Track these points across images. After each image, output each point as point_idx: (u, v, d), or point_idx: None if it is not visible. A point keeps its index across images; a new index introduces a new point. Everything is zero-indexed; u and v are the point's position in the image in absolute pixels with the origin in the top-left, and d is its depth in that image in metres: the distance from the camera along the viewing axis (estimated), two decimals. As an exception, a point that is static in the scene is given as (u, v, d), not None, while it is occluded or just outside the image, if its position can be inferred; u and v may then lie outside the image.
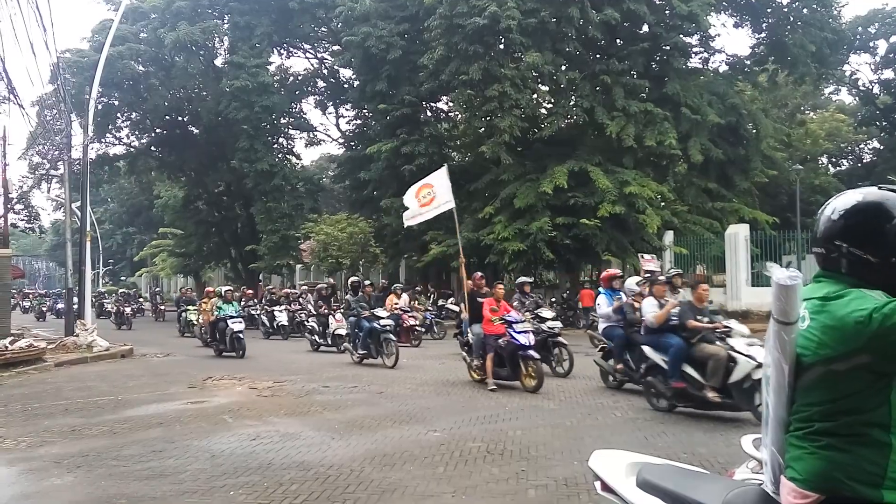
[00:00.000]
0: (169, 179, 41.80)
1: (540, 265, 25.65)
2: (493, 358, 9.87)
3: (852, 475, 1.85)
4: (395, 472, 5.54)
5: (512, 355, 9.74)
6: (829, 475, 1.88)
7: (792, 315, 1.98)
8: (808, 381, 1.96)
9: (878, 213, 1.92)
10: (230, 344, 15.10)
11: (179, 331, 23.01)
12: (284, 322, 21.28)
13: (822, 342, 1.89)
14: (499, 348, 9.87)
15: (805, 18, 27.26)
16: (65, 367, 13.71)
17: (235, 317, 15.50)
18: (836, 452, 1.87)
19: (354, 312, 13.44)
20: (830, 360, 1.87)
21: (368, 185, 29.00)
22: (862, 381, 1.84)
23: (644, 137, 22.88)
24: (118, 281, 65.62)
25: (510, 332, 9.75)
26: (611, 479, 2.58)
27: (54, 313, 35.22)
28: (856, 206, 1.96)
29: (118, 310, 27.63)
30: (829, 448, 1.89)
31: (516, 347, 9.63)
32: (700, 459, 5.69)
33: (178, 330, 23.10)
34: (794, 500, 1.93)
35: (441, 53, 23.93)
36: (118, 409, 8.81)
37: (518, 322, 9.98)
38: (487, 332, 10.02)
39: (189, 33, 29.74)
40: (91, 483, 5.47)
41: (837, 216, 1.99)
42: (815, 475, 1.90)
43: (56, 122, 20.23)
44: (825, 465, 1.89)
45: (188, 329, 22.18)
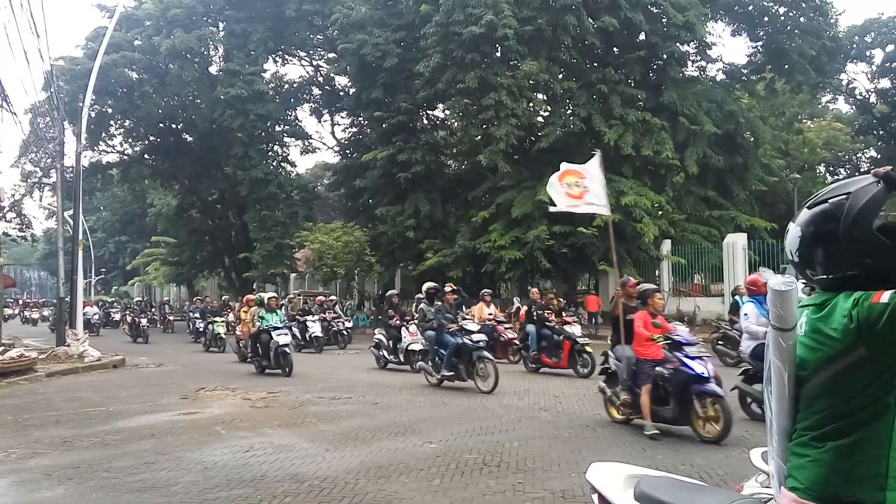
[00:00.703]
0: (162, 187, 41.65)
1: (537, 274, 25.66)
2: (650, 391, 7.33)
3: (854, 481, 1.82)
4: (390, 485, 5.47)
5: (681, 389, 7.13)
6: (831, 482, 1.85)
7: (789, 321, 1.99)
8: (811, 388, 1.94)
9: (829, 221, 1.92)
10: (275, 360, 13.24)
11: (204, 345, 21.09)
12: (318, 333, 19.06)
13: (819, 343, 1.88)
14: (660, 378, 7.35)
15: (802, 27, 27.45)
16: (56, 378, 13.58)
17: (280, 328, 13.49)
18: (839, 457, 1.85)
19: (433, 325, 11.26)
20: (830, 360, 1.86)
21: (364, 193, 28.98)
22: (864, 379, 1.82)
23: (641, 147, 22.91)
24: (110, 290, 65.38)
25: (679, 358, 7.21)
26: (608, 492, 2.58)
27: None
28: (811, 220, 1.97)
29: (133, 321, 25.51)
30: (831, 453, 1.86)
31: (688, 378, 7.07)
32: (698, 472, 5.63)
33: (203, 344, 21.23)
34: None
35: (437, 61, 23.97)
36: (110, 421, 8.70)
37: (689, 343, 7.38)
38: (641, 355, 7.47)
39: (184, 41, 29.73)
40: (82, 495, 5.39)
41: None
42: (817, 483, 1.87)
43: (49, 130, 20.14)
44: (827, 472, 1.86)
45: (215, 343, 20.26)
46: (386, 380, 12.35)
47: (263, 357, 13.61)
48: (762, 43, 29.33)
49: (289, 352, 13.24)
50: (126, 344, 22.32)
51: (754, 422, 7.60)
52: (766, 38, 28.85)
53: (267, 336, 13.39)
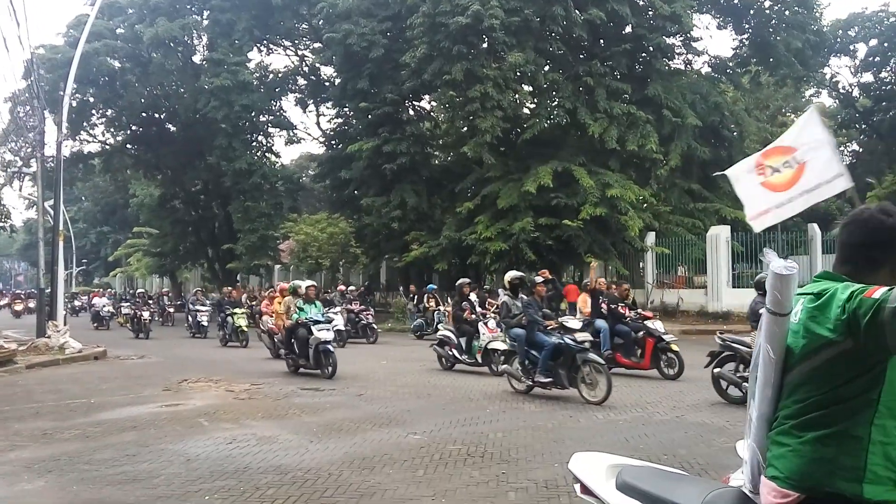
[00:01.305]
0: (145, 178, 41.21)
1: (522, 266, 25.70)
2: None
3: (833, 471, 1.84)
4: (374, 476, 5.47)
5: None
6: (811, 472, 1.87)
7: (785, 306, 2.00)
8: (796, 375, 1.95)
9: None
10: (315, 358, 11.62)
11: (222, 340, 19.30)
12: (341, 327, 17.11)
13: (810, 332, 1.90)
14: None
15: (787, 20, 27.61)
16: (36, 370, 13.43)
17: (322, 321, 11.96)
18: (819, 448, 1.87)
19: (520, 321, 9.58)
20: (818, 350, 1.87)
21: (349, 184, 28.84)
22: (848, 372, 1.84)
23: (626, 140, 22.99)
24: (91, 281, 64.75)
25: None
26: (591, 482, 2.59)
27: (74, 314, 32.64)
28: None
29: (135, 315, 23.09)
30: (811, 444, 1.88)
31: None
32: (680, 461, 5.68)
33: (221, 339, 19.42)
34: (774, 499, 1.92)
35: (423, 52, 23.84)
36: (91, 413, 8.62)
37: None
38: None
39: (167, 29, 29.35)
40: (62, 488, 5.34)
41: None
42: (797, 473, 1.89)
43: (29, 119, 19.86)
44: (806, 462, 1.88)
45: (236, 337, 18.53)
46: (458, 382, 10.87)
47: (300, 355, 11.96)
48: (747, 36, 29.47)
49: (332, 350, 11.58)
50: (129, 340, 21.17)
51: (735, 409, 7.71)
52: (752, 32, 28.99)
53: (305, 331, 11.80)
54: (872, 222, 1.96)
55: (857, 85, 38.13)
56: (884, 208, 1.98)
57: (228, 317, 18.94)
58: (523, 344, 9.37)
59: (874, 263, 1.95)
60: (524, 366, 9.38)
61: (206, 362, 14.52)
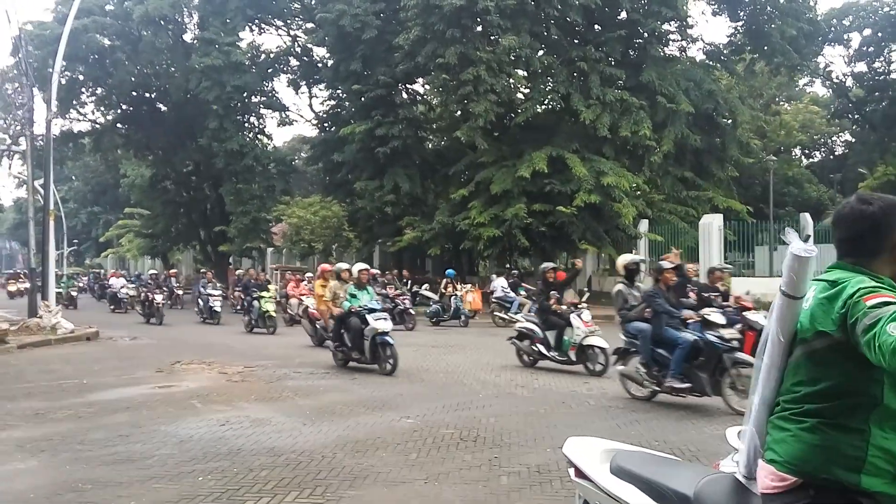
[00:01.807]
0: (136, 157, 40.81)
1: (515, 252, 25.74)
2: None
3: (833, 459, 1.86)
4: (367, 459, 5.50)
5: None
6: (810, 458, 1.89)
7: (800, 289, 2.02)
8: (797, 358, 1.99)
9: None
10: (371, 352, 10.25)
11: (247, 326, 17.64)
12: None
13: (815, 319, 1.93)
14: None
15: (781, 8, 27.54)
16: (28, 350, 13.39)
17: (378, 310, 10.64)
18: (820, 435, 1.89)
19: (641, 314, 8.07)
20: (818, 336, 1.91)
21: (342, 167, 28.69)
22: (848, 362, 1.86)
23: (619, 127, 22.96)
24: (82, 262, 64.39)
25: None
26: (585, 466, 2.62)
27: None
28: None
29: (146, 297, 21.17)
30: (813, 430, 1.90)
31: None
32: (672, 447, 5.73)
33: (246, 325, 17.73)
34: (771, 482, 1.94)
35: (417, 34, 23.64)
36: (83, 393, 8.61)
37: None
38: None
39: (158, 7, 28.95)
40: (55, 468, 5.35)
41: None
42: (796, 458, 1.92)
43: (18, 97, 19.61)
44: (806, 448, 1.90)
45: (263, 323, 17.09)
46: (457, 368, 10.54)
47: (353, 347, 10.54)
48: (742, 23, 29.41)
49: (392, 341, 10.15)
50: (140, 325, 19.85)
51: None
52: (747, 19, 28.91)
53: (359, 321, 10.41)
54: (854, 214, 2.00)
55: (850, 75, 38.14)
56: (861, 198, 2.01)
57: (255, 301, 17.35)
58: (648, 341, 7.82)
59: (870, 252, 1.98)
60: (649, 368, 7.84)
61: (203, 345, 14.49)
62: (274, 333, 16.71)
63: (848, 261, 2.00)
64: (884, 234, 1.95)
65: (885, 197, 2.00)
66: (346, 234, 29.11)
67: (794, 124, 40.31)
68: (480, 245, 23.00)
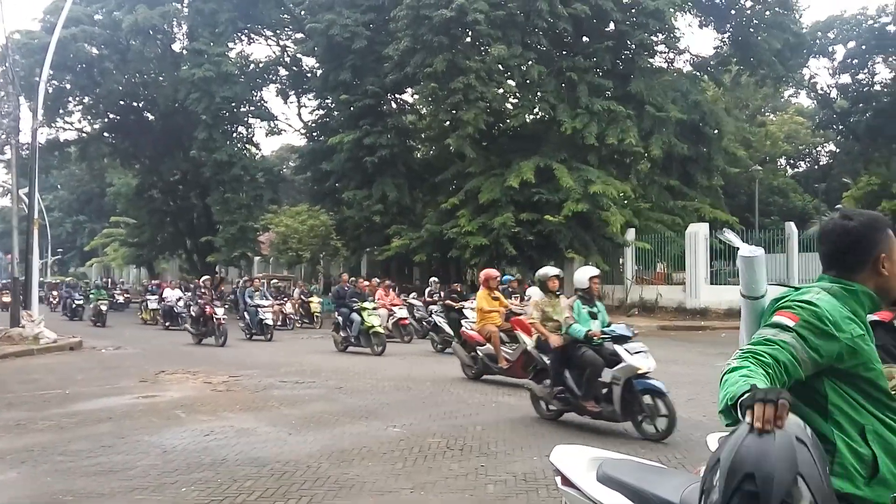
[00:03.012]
0: (122, 166, 40.63)
1: (503, 261, 25.78)
2: None
3: None
4: (352, 468, 5.45)
5: None
6: None
7: (756, 289, 2.08)
8: None
9: None
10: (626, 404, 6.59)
11: (341, 344, 14.65)
12: None
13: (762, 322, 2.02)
14: None
15: (767, 21, 27.91)
16: (10, 360, 13.22)
17: (628, 336, 6.76)
18: None
19: None
20: None
21: (330, 176, 28.67)
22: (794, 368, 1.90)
23: (606, 136, 23.11)
24: (67, 271, 63.82)
25: None
26: (571, 474, 2.61)
27: None
28: None
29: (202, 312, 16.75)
30: None
31: None
32: (658, 455, 5.73)
33: (339, 344, 14.69)
34: None
35: (407, 45, 23.74)
36: (65, 403, 8.50)
37: None
38: None
39: (147, 17, 28.93)
40: (36, 479, 5.27)
41: None
42: None
43: (3, 105, 19.44)
44: None
45: (364, 340, 13.99)
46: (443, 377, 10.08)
47: (587, 394, 6.77)
48: (729, 35, 29.76)
49: (664, 390, 6.42)
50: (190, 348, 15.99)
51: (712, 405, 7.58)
52: (733, 31, 29.26)
53: (595, 356, 6.73)
54: (837, 229, 2.05)
55: (835, 86, 38.68)
56: (844, 213, 2.08)
57: (354, 313, 14.19)
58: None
59: (854, 266, 2.02)
60: None
61: (183, 354, 14.35)
62: (381, 354, 13.50)
63: (832, 274, 2.05)
64: (865, 249, 2.00)
65: (866, 213, 2.07)
66: (334, 242, 29.03)
67: (779, 135, 40.78)
68: (468, 253, 23.02)
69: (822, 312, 1.87)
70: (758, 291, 2.09)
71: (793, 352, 1.82)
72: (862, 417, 1.88)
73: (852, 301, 1.97)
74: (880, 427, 1.88)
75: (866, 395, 1.90)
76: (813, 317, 1.86)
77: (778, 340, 1.83)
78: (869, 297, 2.00)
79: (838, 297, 1.96)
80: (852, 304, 1.97)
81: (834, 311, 1.89)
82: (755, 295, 2.09)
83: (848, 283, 1.99)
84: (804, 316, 1.87)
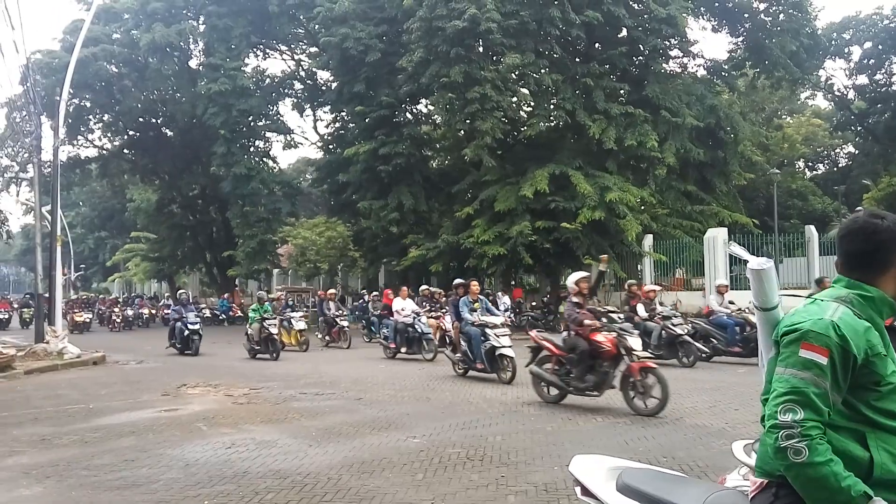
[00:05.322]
0: (142, 182, 41.23)
1: (520, 269, 25.77)
2: None
3: None
4: (373, 480, 5.46)
5: None
6: (768, 459, 1.93)
7: (768, 301, 2.09)
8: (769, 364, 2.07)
9: None
10: None
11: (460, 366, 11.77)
12: None
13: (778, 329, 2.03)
14: None
15: (781, 23, 27.74)
16: (35, 375, 13.40)
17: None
18: None
19: None
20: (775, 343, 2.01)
21: (347, 188, 28.86)
22: None
23: (625, 139, 23.04)
24: (90, 286, 64.62)
25: None
26: (591, 484, 2.60)
27: None
28: None
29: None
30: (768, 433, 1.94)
31: None
32: (680, 464, 5.68)
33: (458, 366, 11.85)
34: (751, 488, 1.99)
35: (420, 56, 23.88)
36: (89, 418, 8.60)
37: None
38: None
39: (164, 35, 29.40)
40: (61, 493, 5.32)
41: None
42: (761, 461, 1.98)
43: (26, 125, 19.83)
44: (764, 449, 1.95)
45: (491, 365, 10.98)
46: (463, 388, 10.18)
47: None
48: (743, 39, 29.61)
49: None
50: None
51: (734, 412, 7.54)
52: (747, 35, 29.11)
53: None
54: (868, 228, 2.00)
55: (852, 87, 38.28)
56: (875, 213, 2.04)
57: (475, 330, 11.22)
58: None
59: (879, 267, 1.99)
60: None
61: (204, 367, 14.46)
62: (510, 382, 10.78)
63: (852, 276, 2.01)
64: (893, 250, 1.97)
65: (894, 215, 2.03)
66: (352, 254, 29.19)
67: (796, 137, 40.39)
68: (485, 263, 23.01)
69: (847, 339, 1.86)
70: (770, 303, 2.11)
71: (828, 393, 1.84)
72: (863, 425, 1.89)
73: (869, 308, 1.95)
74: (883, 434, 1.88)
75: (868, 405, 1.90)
76: (838, 349, 1.85)
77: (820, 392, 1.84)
78: (888, 305, 1.97)
79: (855, 306, 1.93)
80: (869, 311, 1.94)
81: (854, 334, 1.87)
82: (768, 306, 2.11)
83: (866, 288, 1.96)
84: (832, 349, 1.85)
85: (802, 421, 1.80)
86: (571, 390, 8.58)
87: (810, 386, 1.83)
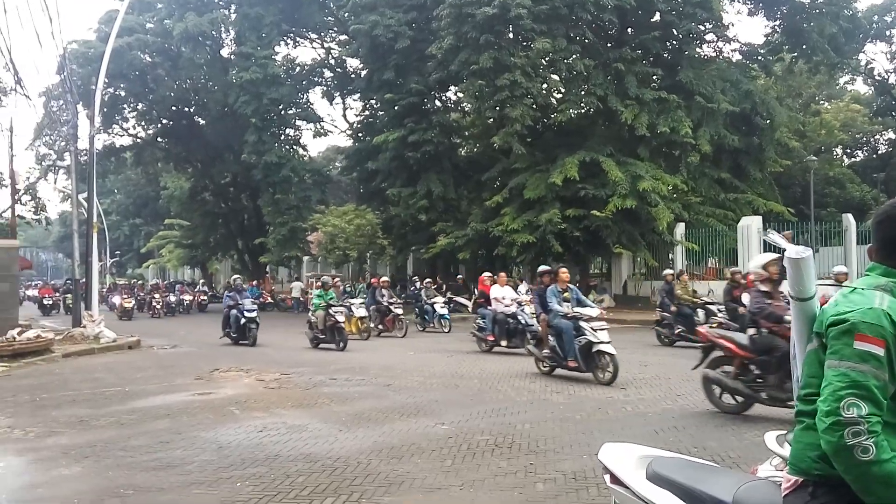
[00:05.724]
0: (175, 170, 41.90)
1: (549, 257, 25.61)
2: None
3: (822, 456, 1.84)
4: (402, 465, 5.50)
5: None
6: (804, 457, 1.89)
7: (805, 290, 2.04)
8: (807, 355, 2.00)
9: None
10: None
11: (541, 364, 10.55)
12: None
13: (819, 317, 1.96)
14: None
15: (820, 6, 26.96)
16: (72, 358, 13.73)
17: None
18: (807, 432, 1.89)
19: None
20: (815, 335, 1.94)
21: (376, 175, 28.95)
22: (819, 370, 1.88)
23: (657, 125, 22.69)
24: (125, 272, 65.96)
25: None
26: (620, 472, 2.59)
27: None
28: None
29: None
30: (805, 429, 1.91)
31: None
32: (711, 453, 5.62)
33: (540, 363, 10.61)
34: (785, 485, 1.96)
35: (450, 43, 23.77)
36: (125, 401, 8.79)
37: None
38: None
39: (197, 24, 29.74)
40: (98, 473, 5.46)
41: None
42: (794, 458, 1.94)
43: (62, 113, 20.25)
44: (801, 448, 1.91)
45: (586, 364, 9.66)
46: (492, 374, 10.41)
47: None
48: (780, 22, 28.86)
49: None
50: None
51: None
52: (784, 18, 28.37)
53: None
54: None
55: (893, 71, 37.11)
56: None
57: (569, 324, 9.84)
58: None
59: None
60: None
61: (236, 353, 14.67)
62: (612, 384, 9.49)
63: (889, 264, 1.95)
64: None
65: None
66: (380, 241, 29.32)
67: (835, 123, 39.31)
68: (514, 251, 22.92)
69: None
70: (807, 293, 2.04)
71: (888, 385, 1.77)
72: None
73: None
74: None
75: None
76: (893, 339, 1.78)
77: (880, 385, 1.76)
78: None
79: (894, 294, 1.87)
80: None
81: None
82: (804, 296, 2.04)
83: None
84: (888, 339, 1.78)
85: (868, 416, 1.72)
86: (765, 399, 7.05)
87: (871, 378, 1.75)
